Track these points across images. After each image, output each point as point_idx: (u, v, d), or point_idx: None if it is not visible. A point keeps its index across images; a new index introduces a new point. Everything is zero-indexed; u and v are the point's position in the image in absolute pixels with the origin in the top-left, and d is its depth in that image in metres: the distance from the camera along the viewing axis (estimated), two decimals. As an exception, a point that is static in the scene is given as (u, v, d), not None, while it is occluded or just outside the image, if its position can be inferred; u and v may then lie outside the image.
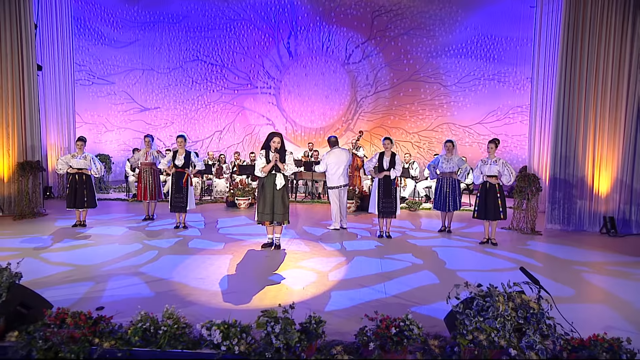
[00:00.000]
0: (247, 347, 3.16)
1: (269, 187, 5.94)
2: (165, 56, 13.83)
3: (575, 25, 7.57)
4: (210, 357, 3.21)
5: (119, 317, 3.50)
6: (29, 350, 3.26)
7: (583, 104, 7.56)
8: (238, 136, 14.13)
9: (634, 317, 3.90)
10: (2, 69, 7.90)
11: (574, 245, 6.64)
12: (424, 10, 12.96)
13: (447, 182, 7.02)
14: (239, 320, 3.29)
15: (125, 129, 13.81)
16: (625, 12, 7.32)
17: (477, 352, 2.96)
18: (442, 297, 4.29)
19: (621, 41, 7.37)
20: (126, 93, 13.73)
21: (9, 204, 8.15)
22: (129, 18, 13.44)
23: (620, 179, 7.52)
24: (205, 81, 14.00)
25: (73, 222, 7.54)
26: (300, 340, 3.08)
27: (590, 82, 7.52)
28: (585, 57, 7.52)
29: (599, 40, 7.46)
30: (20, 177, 7.88)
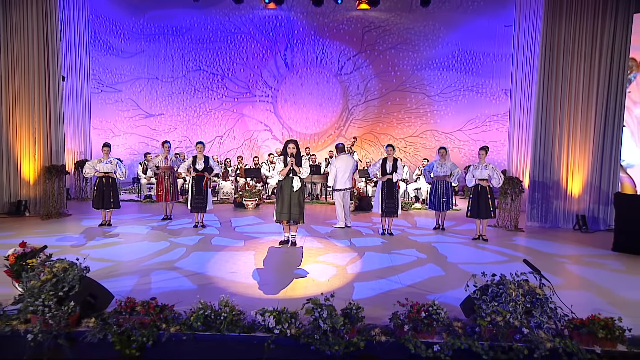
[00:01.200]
0: (296, 330, 3.44)
1: (287, 188, 6.20)
2: (169, 66, 13.91)
3: (551, 45, 8.03)
4: (263, 340, 3.47)
5: (177, 306, 3.74)
6: (104, 335, 3.48)
7: (558, 115, 8.03)
8: (237, 141, 14.31)
9: (615, 301, 4.32)
10: (31, 80, 7.99)
11: (552, 240, 7.09)
12: (410, 27, 13.37)
13: (441, 184, 7.41)
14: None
15: (132, 134, 13.86)
16: (595, 34, 7.77)
17: (495, 331, 3.31)
18: (450, 287, 4.67)
19: (591, 60, 7.84)
20: (132, 100, 13.77)
21: (35, 205, 8.22)
22: (135, 30, 13.49)
23: (590, 181, 8.00)
24: (207, 89, 14.13)
25: (96, 221, 7.68)
26: (344, 323, 3.39)
27: (564, 96, 7.98)
28: (560, 73, 7.97)
29: (572, 60, 7.92)
30: (47, 180, 7.96)
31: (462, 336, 3.33)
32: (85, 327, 3.59)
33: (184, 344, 3.51)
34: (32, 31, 7.92)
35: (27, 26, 7.92)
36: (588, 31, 7.80)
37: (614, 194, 6.92)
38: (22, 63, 7.98)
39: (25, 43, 7.95)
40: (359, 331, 3.42)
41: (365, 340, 3.36)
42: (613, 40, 7.62)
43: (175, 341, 3.50)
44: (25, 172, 8.15)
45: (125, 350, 3.45)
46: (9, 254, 4.33)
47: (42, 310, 3.49)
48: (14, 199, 8.13)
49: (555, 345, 3.22)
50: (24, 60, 7.98)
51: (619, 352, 3.25)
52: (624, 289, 4.81)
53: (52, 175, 8.00)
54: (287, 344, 3.42)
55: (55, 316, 3.45)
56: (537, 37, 9.38)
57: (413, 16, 13.21)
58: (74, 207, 9.13)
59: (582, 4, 7.74)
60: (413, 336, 3.32)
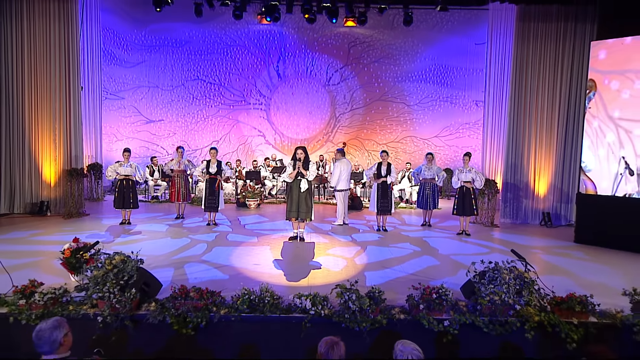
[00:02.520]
0: (329, 311, 3.86)
1: (295, 189, 6.56)
2: (169, 75, 14.02)
3: (521, 64, 8.61)
4: (300, 319, 3.85)
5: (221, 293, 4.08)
6: (163, 317, 3.80)
7: (527, 126, 8.62)
8: (233, 146, 14.53)
9: (584, 284, 4.88)
10: (52, 89, 8.11)
11: (524, 234, 7.70)
12: (391, 43, 13.91)
13: (428, 186, 7.93)
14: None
15: (133, 138, 13.91)
16: (557, 57, 8.40)
17: (493, 309, 3.80)
18: (446, 274, 5.15)
19: (554, 79, 8.48)
20: (134, 107, 13.83)
21: (55, 205, 8.34)
22: (137, 42, 13.57)
23: (553, 183, 8.67)
24: (205, 97, 14.30)
25: (114, 220, 7.88)
26: (370, 304, 3.82)
27: (532, 109, 8.60)
28: (529, 90, 8.57)
29: (539, 78, 8.53)
30: (68, 182, 8.10)
31: (466, 313, 3.81)
32: (146, 310, 3.91)
33: (232, 324, 3.87)
34: (54, 44, 8.05)
35: (50, 39, 8.04)
36: (552, 54, 8.43)
37: (576, 194, 7.58)
38: (44, 73, 8.09)
39: (48, 55, 8.07)
40: (381, 311, 3.84)
41: (387, 318, 3.79)
42: (572, 63, 8.30)
43: (224, 322, 3.86)
44: (46, 174, 8.27)
45: (182, 330, 3.79)
46: (64, 249, 4.57)
47: (109, 296, 3.80)
48: (35, 200, 8.23)
49: (541, 319, 3.73)
50: (47, 71, 8.10)
51: (591, 322, 3.79)
52: (588, 273, 5.42)
53: (73, 177, 8.14)
54: (320, 322, 3.82)
55: (121, 301, 3.76)
56: (507, 55, 10.06)
57: (394, 33, 13.74)
58: (89, 208, 9.25)
59: (546, 30, 8.39)
60: (427, 314, 3.78)
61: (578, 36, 8.19)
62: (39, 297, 3.78)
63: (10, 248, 5.97)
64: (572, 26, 8.18)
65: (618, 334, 3.76)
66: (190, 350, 3.84)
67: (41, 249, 5.95)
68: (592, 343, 2.82)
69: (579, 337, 3.65)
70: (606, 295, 4.30)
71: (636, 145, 6.61)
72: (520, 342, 3.70)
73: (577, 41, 8.20)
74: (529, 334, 3.66)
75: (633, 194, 6.67)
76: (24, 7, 7.82)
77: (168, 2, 9.13)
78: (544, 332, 3.72)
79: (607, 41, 6.95)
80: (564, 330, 3.67)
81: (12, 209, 8.12)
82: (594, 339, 3.65)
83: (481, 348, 3.69)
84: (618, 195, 6.82)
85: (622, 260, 6.05)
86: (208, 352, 3.86)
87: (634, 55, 6.63)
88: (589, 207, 7.15)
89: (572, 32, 8.21)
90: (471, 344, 3.73)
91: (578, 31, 8.18)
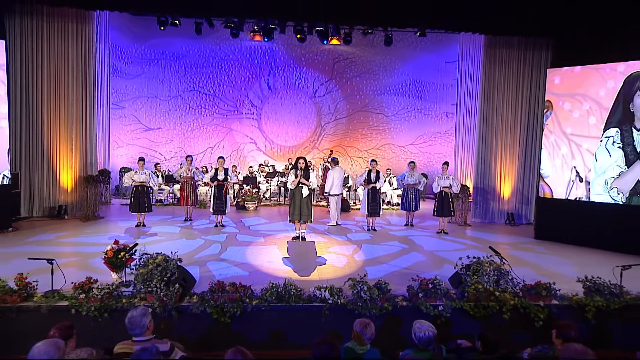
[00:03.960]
0: (344, 300, 4.35)
1: (297, 195, 7.02)
2: (167, 86, 14.19)
3: (489, 84, 9.33)
4: (320, 308, 4.31)
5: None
6: (204, 308, 4.21)
7: (494, 138, 9.33)
8: (226, 152, 14.80)
9: (545, 274, 5.53)
10: (70, 102, 8.28)
11: (492, 232, 8.40)
12: (372, 60, 14.53)
13: (411, 190, 8.53)
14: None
15: (133, 145, 14.01)
16: (519, 80, 9.15)
17: (477, 296, 4.38)
18: (433, 268, 5.73)
19: (516, 98, 9.24)
20: (134, 116, 13.94)
21: (71, 209, 8.50)
22: (137, 55, 13.69)
23: (516, 187, 9.42)
24: (200, 107, 14.53)
25: (128, 223, 8.12)
26: (378, 294, 4.34)
27: (498, 123, 9.29)
28: (496, 107, 9.28)
29: (504, 97, 9.26)
30: (85, 188, 8.29)
31: (456, 299, 4.38)
32: (187, 302, 4.31)
33: (262, 313, 4.30)
34: (72, 62, 8.21)
35: (67, 57, 8.20)
36: (515, 77, 9.18)
37: (536, 197, 8.34)
38: (62, 88, 8.25)
39: (65, 71, 8.23)
40: (387, 299, 4.36)
41: (392, 305, 4.32)
42: (531, 85, 9.08)
43: (256, 311, 4.29)
44: (63, 180, 8.42)
45: (220, 318, 4.21)
46: (107, 250, 4.89)
47: (156, 290, 4.18)
48: (53, 204, 8.38)
49: (515, 303, 4.34)
50: (64, 86, 8.25)
51: (553, 304, 4.44)
52: (548, 264, 6.11)
53: (90, 183, 8.34)
54: (337, 310, 4.31)
55: (167, 294, 4.15)
56: (476, 73, 10.73)
57: (374, 51, 14.35)
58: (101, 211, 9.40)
59: (510, 56, 9.14)
60: (424, 301, 4.33)
61: (536, 62, 8.98)
62: (96, 292, 4.12)
63: (42, 249, 6.19)
64: (531, 54, 8.97)
65: (574, 313, 4.41)
66: (227, 335, 4.25)
67: (73, 250, 6.20)
68: (560, 320, 3.40)
69: (544, 317, 4.29)
70: (563, 282, 4.92)
71: (585, 157, 7.40)
72: (499, 321, 4.30)
73: (535, 67, 8.99)
74: (506, 315, 4.27)
75: (582, 197, 7.45)
76: (45, 27, 7.97)
77: (176, 24, 9.41)
78: (517, 313, 4.33)
79: (560, 69, 7.72)
80: (533, 312, 4.29)
81: (32, 213, 8.25)
82: (556, 317, 4.29)
83: (469, 328, 4.25)
84: (570, 199, 7.59)
85: (574, 253, 6.78)
86: (242, 337, 4.28)
87: (582, 81, 7.42)
88: (547, 209, 7.91)
89: (531, 59, 9.00)
90: (461, 325, 4.29)
91: (536, 58, 8.97)
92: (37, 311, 4.09)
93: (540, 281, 4.56)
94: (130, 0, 7.46)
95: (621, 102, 6.93)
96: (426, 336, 2.81)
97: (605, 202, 7.11)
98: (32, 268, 4.62)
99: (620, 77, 6.97)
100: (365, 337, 2.91)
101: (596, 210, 7.20)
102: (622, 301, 4.41)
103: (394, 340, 4.20)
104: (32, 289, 4.22)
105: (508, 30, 8.43)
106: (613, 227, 6.95)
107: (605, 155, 7.09)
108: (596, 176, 7.21)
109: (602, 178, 7.12)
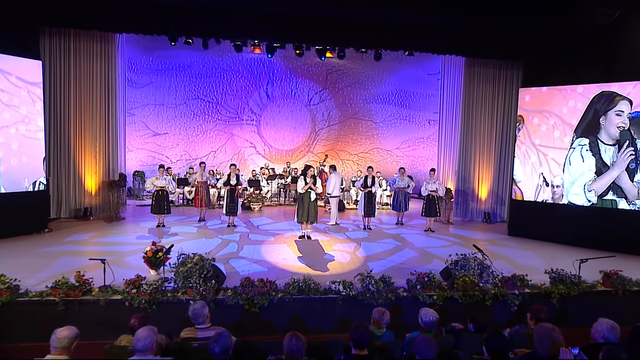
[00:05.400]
0: (355, 292, 4.89)
1: (306, 199, 7.51)
2: (173, 95, 14.46)
3: (469, 98, 9.95)
4: (334, 299, 4.82)
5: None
6: (237, 300, 4.69)
7: (474, 146, 9.94)
8: (228, 155, 15.18)
9: (518, 266, 6.16)
10: (94, 113, 8.59)
11: (472, 230, 9.04)
12: (362, 72, 15.08)
13: (401, 193, 9.12)
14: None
15: (142, 149, 14.27)
16: (494, 96, 9.80)
17: (465, 287, 4.98)
18: (425, 263, 6.30)
19: (493, 110, 9.89)
20: (143, 122, 14.19)
21: (96, 211, 8.82)
22: (146, 66, 13.93)
23: (492, 189, 10.11)
24: (204, 114, 14.86)
25: (149, 223, 8.49)
26: (384, 286, 4.89)
27: (477, 133, 9.94)
28: (475, 118, 9.91)
29: (482, 110, 9.88)
30: (109, 192, 8.63)
31: (447, 290, 4.97)
32: (223, 296, 4.78)
33: (286, 304, 4.79)
34: (96, 77, 8.51)
35: (92, 73, 8.49)
36: (492, 93, 9.82)
37: (509, 199, 9.03)
38: (87, 100, 8.53)
39: (90, 86, 8.52)
40: (391, 291, 4.91)
41: (395, 295, 4.88)
42: (505, 101, 9.76)
43: (280, 302, 4.79)
44: (88, 185, 8.73)
45: (251, 309, 4.69)
46: (147, 250, 5.32)
47: (196, 286, 4.64)
48: (79, 206, 8.68)
49: (495, 292, 4.96)
50: (89, 98, 8.54)
51: (526, 292, 5.07)
52: (520, 258, 6.74)
53: (112, 188, 8.67)
54: (349, 300, 4.84)
55: (206, 289, 4.62)
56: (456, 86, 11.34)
57: (364, 63, 14.89)
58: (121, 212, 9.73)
59: (487, 75, 9.78)
60: (422, 292, 4.90)
61: (509, 81, 9.66)
62: (146, 287, 4.57)
63: (80, 249, 6.56)
64: (505, 73, 9.64)
65: (542, 299, 5.04)
66: (256, 323, 4.74)
67: (108, 249, 6.58)
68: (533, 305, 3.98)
69: (519, 302, 4.91)
70: (533, 273, 5.51)
71: (550, 165, 8.09)
72: (482, 307, 4.90)
73: (508, 84, 9.67)
74: (488, 302, 4.87)
75: (548, 199, 8.15)
76: (72, 47, 8.26)
77: (189, 42, 9.75)
78: (497, 300, 4.94)
79: (530, 88, 8.39)
80: (509, 299, 4.91)
81: (60, 214, 8.54)
82: (528, 303, 4.92)
83: (458, 314, 4.84)
84: (538, 201, 8.29)
85: (542, 248, 7.44)
86: (269, 324, 4.78)
87: (548, 100, 8.10)
88: (518, 209, 8.60)
89: (505, 78, 9.67)
90: (452, 311, 4.88)
91: (509, 77, 9.64)
92: (96, 303, 4.51)
93: (516, 273, 5.18)
94: (154, 25, 7.76)
95: (590, 115, 7.54)
96: (430, 320, 3.37)
97: (568, 204, 7.81)
98: (77, 267, 5.07)
99: (579, 97, 7.67)
100: (382, 322, 3.45)
101: (559, 211, 7.91)
102: (579, 288, 5.07)
103: (397, 325, 4.74)
104: (89, 284, 4.63)
105: (484, 54, 9.10)
106: (574, 225, 7.66)
107: (579, 161, 7.66)
108: (572, 179, 7.75)
109: (581, 180, 7.66)
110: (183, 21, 7.93)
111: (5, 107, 6.82)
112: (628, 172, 7.24)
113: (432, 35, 8.47)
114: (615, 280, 5.13)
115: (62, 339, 2.63)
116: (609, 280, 5.16)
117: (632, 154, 7.19)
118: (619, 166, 7.30)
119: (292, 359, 2.71)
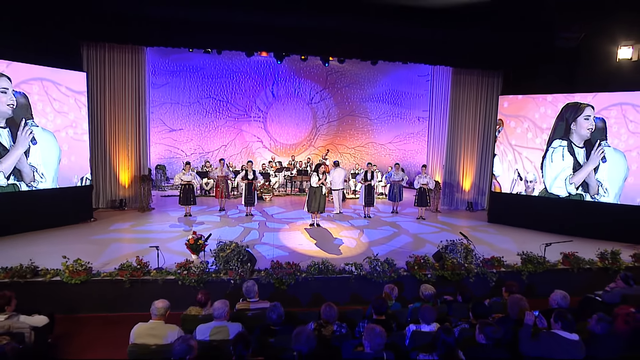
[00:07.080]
0: (364, 272, 5.60)
1: (318, 192, 8.13)
2: (187, 94, 14.86)
3: (455, 102, 10.59)
4: (347, 278, 5.50)
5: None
6: (269, 280, 5.38)
7: (459, 143, 10.61)
8: (237, 149, 15.70)
9: (496, 249, 6.89)
10: (127, 115, 9.07)
11: (457, 217, 9.79)
12: (358, 73, 15.60)
13: (397, 185, 9.81)
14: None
15: (159, 144, 14.72)
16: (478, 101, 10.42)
17: (453, 267, 5.72)
18: (419, 247, 7.01)
19: (476, 113, 10.51)
20: (160, 119, 14.61)
21: (129, 202, 9.38)
22: (162, 68, 14.28)
23: (474, 182, 10.84)
24: (215, 112, 15.30)
25: (177, 213, 9.05)
26: (388, 267, 5.61)
27: (462, 133, 10.66)
28: (461, 120, 10.58)
29: (467, 112, 10.53)
30: (141, 185, 9.19)
31: (438, 269, 5.71)
32: (257, 276, 5.46)
33: (308, 282, 5.47)
34: (128, 84, 8.97)
35: (125, 80, 8.95)
36: (475, 98, 10.44)
37: (489, 191, 9.78)
38: (121, 105, 9.00)
39: (123, 92, 8.99)
40: (393, 271, 5.63)
41: (397, 275, 5.61)
42: (486, 106, 10.42)
43: (304, 281, 5.48)
44: (122, 178, 9.26)
45: (281, 287, 5.37)
46: (189, 238, 5.94)
47: (235, 268, 5.31)
48: (114, 198, 9.23)
49: (477, 271, 5.72)
50: (123, 104, 9.02)
51: (502, 271, 5.84)
52: (498, 242, 7.48)
53: (144, 181, 9.23)
54: (359, 278, 5.55)
55: (244, 270, 5.30)
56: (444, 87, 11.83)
57: (360, 65, 15.38)
58: (148, 203, 10.27)
59: (471, 81, 10.40)
60: (419, 270, 5.64)
61: (491, 87, 10.31)
62: (194, 269, 5.23)
63: (125, 236, 7.16)
64: (487, 80, 10.29)
65: (514, 277, 5.81)
66: (284, 298, 5.38)
67: (149, 237, 7.17)
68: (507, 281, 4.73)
69: (496, 279, 5.68)
70: (508, 255, 6.24)
71: (524, 162, 8.83)
72: (467, 283, 5.66)
73: (489, 90, 10.32)
74: (471, 279, 5.63)
75: (521, 192, 8.91)
76: (106, 57, 8.70)
77: (208, 51, 10.17)
78: (478, 277, 5.69)
79: (508, 96, 9.06)
80: (489, 276, 5.68)
81: (98, 205, 9.09)
82: (503, 279, 5.69)
83: (448, 288, 5.58)
84: (513, 193, 9.04)
85: (516, 233, 8.17)
86: (295, 299, 5.46)
87: (523, 106, 8.79)
88: (497, 200, 9.35)
89: (486, 84, 10.32)
90: (443, 286, 5.62)
91: (491, 84, 10.29)
92: (155, 282, 5.16)
93: (494, 256, 5.94)
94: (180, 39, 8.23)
95: (563, 123, 8.23)
96: (429, 294, 4.09)
97: (538, 196, 8.58)
98: (127, 252, 5.77)
99: (549, 105, 8.38)
100: (392, 295, 4.17)
101: (531, 202, 8.68)
102: (544, 267, 5.86)
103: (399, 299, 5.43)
104: (147, 266, 5.27)
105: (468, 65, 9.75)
106: (544, 214, 8.44)
107: (560, 159, 8.31)
108: (555, 174, 8.38)
109: (563, 175, 8.30)
110: (203, 36, 8.33)
111: (57, 114, 7.33)
112: (595, 169, 7.98)
113: (424, 48, 9.06)
114: (572, 260, 5.92)
115: (160, 308, 3.28)
116: (567, 260, 5.96)
117: (603, 151, 7.88)
118: (592, 162, 8.02)
119: (328, 323, 3.41)
